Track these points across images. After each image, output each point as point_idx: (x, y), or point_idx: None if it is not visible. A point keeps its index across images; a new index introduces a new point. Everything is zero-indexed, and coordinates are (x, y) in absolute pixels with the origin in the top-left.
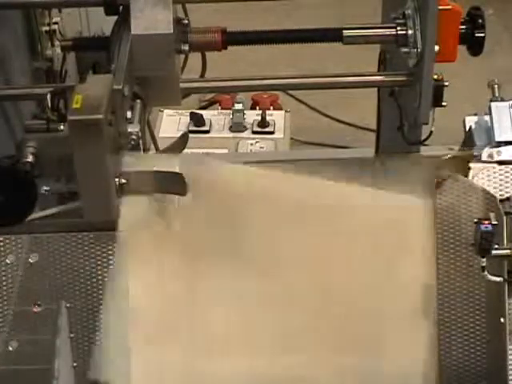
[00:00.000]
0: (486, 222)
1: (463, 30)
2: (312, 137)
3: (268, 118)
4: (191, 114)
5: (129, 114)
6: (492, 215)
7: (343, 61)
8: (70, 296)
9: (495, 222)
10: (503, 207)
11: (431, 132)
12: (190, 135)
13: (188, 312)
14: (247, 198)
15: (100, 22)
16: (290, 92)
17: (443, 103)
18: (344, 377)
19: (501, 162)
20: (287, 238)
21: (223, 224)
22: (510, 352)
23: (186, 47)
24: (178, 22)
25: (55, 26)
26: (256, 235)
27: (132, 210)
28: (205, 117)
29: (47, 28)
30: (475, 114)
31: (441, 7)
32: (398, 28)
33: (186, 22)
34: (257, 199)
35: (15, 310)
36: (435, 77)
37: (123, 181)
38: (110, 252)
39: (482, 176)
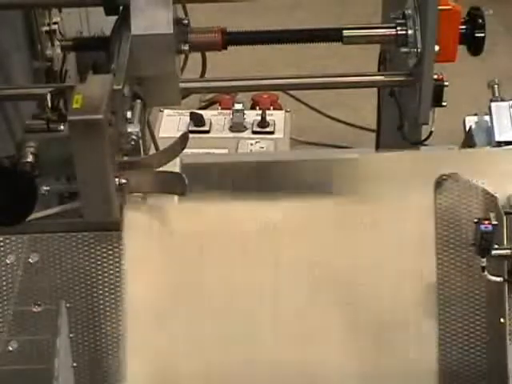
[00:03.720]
0: (486, 221)
1: (463, 30)
2: (312, 137)
3: (268, 117)
4: (191, 114)
5: (129, 114)
6: (492, 215)
7: (343, 61)
8: (70, 296)
9: (495, 222)
10: (503, 207)
11: (431, 132)
12: (190, 135)
13: (188, 312)
14: None
15: (100, 22)
16: (290, 92)
17: (443, 103)
18: (343, 376)
19: None
20: (289, 238)
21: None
22: (510, 352)
23: (186, 47)
24: (178, 22)
25: (55, 26)
26: (256, 235)
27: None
28: (205, 117)
29: (47, 28)
30: (475, 114)
31: (441, 7)
32: (398, 28)
33: (186, 21)
34: None
35: (15, 310)
36: (435, 77)
37: (123, 181)
38: (110, 252)
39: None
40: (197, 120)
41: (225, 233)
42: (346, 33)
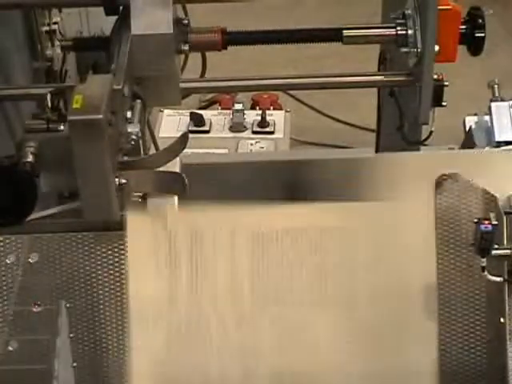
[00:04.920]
0: (486, 221)
1: (463, 30)
2: (312, 137)
3: (268, 118)
4: (191, 114)
5: (129, 114)
6: (492, 215)
7: (343, 61)
8: (69, 296)
9: (495, 222)
10: (503, 207)
11: (431, 132)
12: (190, 135)
13: (188, 312)
14: None
15: (100, 22)
16: (290, 92)
17: (443, 103)
18: (344, 376)
19: None
20: (290, 239)
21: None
22: (510, 352)
23: (186, 47)
24: (178, 22)
25: (55, 26)
26: (257, 235)
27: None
28: (205, 117)
29: (47, 28)
30: (475, 114)
31: (441, 7)
32: (398, 28)
33: (186, 22)
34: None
35: (15, 310)
36: (435, 77)
37: (123, 181)
38: (110, 252)
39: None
40: (197, 120)
41: (226, 234)
42: (345, 33)
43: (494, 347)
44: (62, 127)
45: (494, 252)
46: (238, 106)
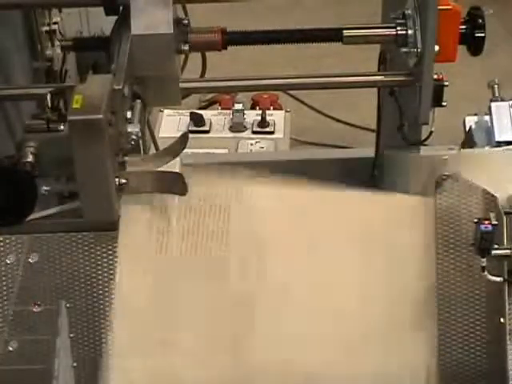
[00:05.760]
0: (486, 221)
1: (463, 30)
2: (312, 137)
3: (268, 118)
4: (191, 114)
5: (129, 114)
6: (492, 215)
7: (343, 61)
8: (69, 296)
9: (495, 222)
10: (503, 207)
11: (431, 132)
12: (190, 135)
13: (186, 313)
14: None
15: (100, 22)
16: (290, 92)
17: (443, 103)
18: (343, 376)
19: None
20: (284, 238)
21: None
22: (510, 352)
23: (186, 47)
24: (178, 22)
25: (55, 26)
26: (250, 236)
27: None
28: (205, 117)
29: (47, 28)
30: (475, 114)
31: (441, 7)
32: (398, 28)
33: (186, 22)
34: (250, 204)
35: (15, 310)
36: (435, 77)
37: (123, 181)
38: (110, 252)
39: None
40: (197, 120)
41: (224, 233)
42: (346, 33)
43: (494, 347)
44: (62, 127)
45: (493, 252)
46: (237, 106)
